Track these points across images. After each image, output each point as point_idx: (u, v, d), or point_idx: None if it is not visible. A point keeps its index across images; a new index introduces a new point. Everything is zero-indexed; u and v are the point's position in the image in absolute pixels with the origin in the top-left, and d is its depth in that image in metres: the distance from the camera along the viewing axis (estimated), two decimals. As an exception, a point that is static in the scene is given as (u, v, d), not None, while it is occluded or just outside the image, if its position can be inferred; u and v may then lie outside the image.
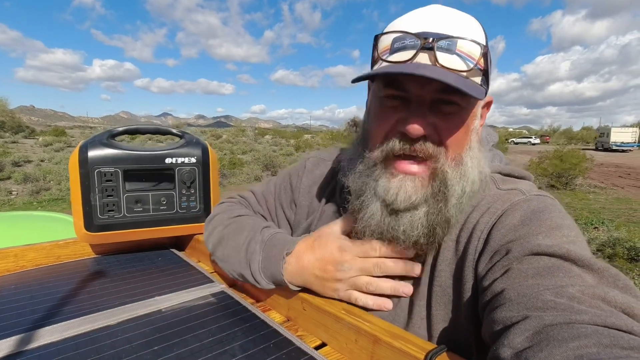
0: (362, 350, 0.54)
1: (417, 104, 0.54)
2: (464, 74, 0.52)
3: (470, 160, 0.57)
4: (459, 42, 0.52)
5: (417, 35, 0.52)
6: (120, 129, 0.99)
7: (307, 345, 0.59)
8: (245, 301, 0.73)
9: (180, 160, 0.96)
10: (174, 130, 1.04)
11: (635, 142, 33.80)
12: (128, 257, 1.00)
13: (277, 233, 0.70)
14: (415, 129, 0.52)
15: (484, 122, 0.64)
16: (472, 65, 0.52)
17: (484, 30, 0.56)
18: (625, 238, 4.57)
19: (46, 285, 0.81)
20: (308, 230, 0.77)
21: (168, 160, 0.95)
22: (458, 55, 0.52)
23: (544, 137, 60.31)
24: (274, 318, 0.68)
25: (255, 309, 0.70)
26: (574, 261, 0.44)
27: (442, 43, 0.52)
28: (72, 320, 0.65)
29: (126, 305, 0.70)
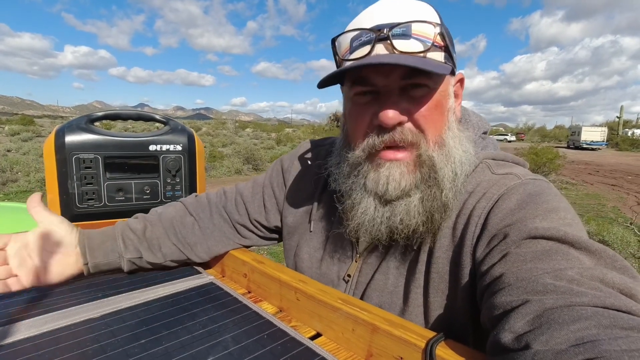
0: (359, 339, 0.53)
1: (386, 94, 0.55)
2: (422, 54, 0.54)
3: (452, 141, 0.58)
4: (413, 25, 0.53)
5: (372, 29, 0.54)
6: (100, 113, 0.94)
7: (302, 335, 0.57)
8: (236, 292, 0.71)
9: (165, 147, 0.92)
10: (158, 117, 0.99)
11: (603, 141, 35.37)
12: (108, 249, 0.96)
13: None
14: (389, 117, 0.53)
15: (460, 101, 0.65)
16: (429, 45, 0.54)
17: (437, 12, 0.58)
18: (595, 232, 4.78)
19: (20, 277, 0.76)
20: (309, 218, 0.76)
21: (152, 147, 0.91)
22: (415, 38, 0.53)
23: (519, 134, 62.27)
24: (266, 309, 0.66)
25: (246, 300, 0.68)
26: (572, 244, 0.45)
27: (397, 30, 0.53)
28: (50, 314, 0.61)
29: (109, 298, 0.67)
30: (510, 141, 50.62)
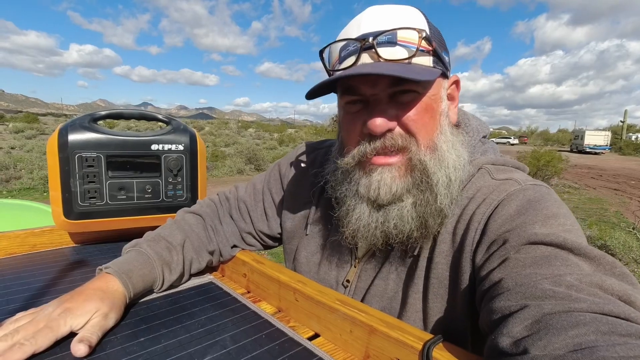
0: (357, 340, 0.53)
1: (375, 102, 0.56)
2: (407, 61, 0.54)
3: (444, 145, 0.58)
4: (399, 32, 0.53)
5: (357, 39, 0.55)
6: (103, 112, 0.94)
7: (300, 336, 0.57)
8: (235, 292, 0.72)
9: (167, 147, 0.93)
10: (161, 116, 1.00)
11: (607, 145, 35.20)
12: (110, 247, 0.96)
13: (131, 251, 0.69)
14: (377, 125, 0.54)
15: (457, 103, 0.65)
16: (414, 50, 0.53)
17: (425, 16, 0.58)
18: (597, 236, 4.76)
19: (21, 274, 0.77)
20: (306, 222, 0.76)
21: (154, 147, 0.91)
22: (401, 45, 0.53)
23: (522, 137, 62.14)
24: (264, 309, 0.67)
25: (245, 300, 0.68)
26: (571, 250, 0.45)
27: (382, 38, 0.53)
28: (51, 311, 0.61)
29: (109, 296, 0.67)
30: (513, 144, 50.54)
